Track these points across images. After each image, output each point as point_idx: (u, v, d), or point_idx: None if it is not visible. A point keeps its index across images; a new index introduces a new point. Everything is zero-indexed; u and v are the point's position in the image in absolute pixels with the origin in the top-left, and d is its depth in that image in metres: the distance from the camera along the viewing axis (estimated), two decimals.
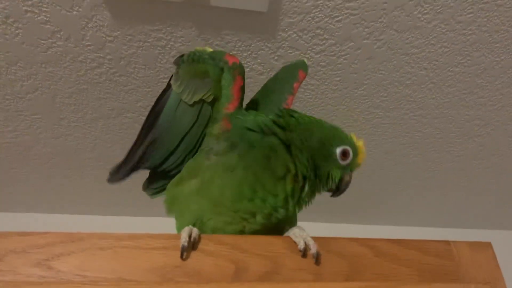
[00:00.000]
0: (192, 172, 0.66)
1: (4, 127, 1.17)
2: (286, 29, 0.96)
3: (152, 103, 1.12)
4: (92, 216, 1.55)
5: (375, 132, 1.26)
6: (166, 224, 1.38)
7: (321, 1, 0.91)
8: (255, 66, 1.04)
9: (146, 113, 1.15)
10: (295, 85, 0.77)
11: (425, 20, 0.96)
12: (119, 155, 1.31)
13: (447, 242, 0.65)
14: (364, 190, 1.51)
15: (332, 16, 0.94)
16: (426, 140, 1.31)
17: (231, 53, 0.68)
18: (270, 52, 1.01)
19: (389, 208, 1.63)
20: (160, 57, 1.00)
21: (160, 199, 1.62)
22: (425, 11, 0.94)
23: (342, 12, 0.93)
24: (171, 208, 0.71)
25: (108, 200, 1.50)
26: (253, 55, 1.01)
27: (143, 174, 1.38)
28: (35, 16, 0.89)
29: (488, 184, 1.52)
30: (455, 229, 1.73)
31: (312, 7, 0.92)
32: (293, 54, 1.02)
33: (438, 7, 0.93)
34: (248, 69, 1.05)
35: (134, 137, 1.26)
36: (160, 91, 1.08)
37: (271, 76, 1.07)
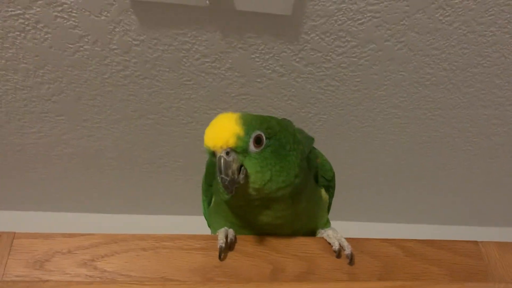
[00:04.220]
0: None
1: (28, 129, 1.19)
2: (309, 32, 0.97)
3: (174, 105, 1.14)
4: (112, 215, 1.57)
5: (393, 131, 1.27)
6: (186, 223, 1.40)
7: (344, 5, 0.92)
8: (277, 68, 1.06)
9: (168, 115, 1.18)
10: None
11: (446, 22, 0.97)
12: (140, 156, 1.34)
13: (475, 243, 0.67)
14: (381, 189, 1.52)
15: (355, 19, 0.95)
16: (443, 139, 1.32)
17: None
18: (292, 54, 1.02)
19: (406, 207, 1.64)
20: (184, 60, 1.02)
21: (172, 198, 1.62)
22: (447, 14, 0.95)
23: (365, 15, 0.94)
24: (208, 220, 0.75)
25: (128, 199, 1.52)
26: (275, 57, 1.03)
27: (158, 174, 1.39)
28: (65, 21, 0.91)
29: (503, 183, 1.53)
30: (475, 227, 1.75)
31: (336, 10, 0.93)
32: (314, 56, 1.03)
33: (460, 10, 0.94)
34: (269, 71, 1.06)
35: (155, 138, 1.28)
36: (183, 92, 1.11)
37: (292, 77, 1.09)
